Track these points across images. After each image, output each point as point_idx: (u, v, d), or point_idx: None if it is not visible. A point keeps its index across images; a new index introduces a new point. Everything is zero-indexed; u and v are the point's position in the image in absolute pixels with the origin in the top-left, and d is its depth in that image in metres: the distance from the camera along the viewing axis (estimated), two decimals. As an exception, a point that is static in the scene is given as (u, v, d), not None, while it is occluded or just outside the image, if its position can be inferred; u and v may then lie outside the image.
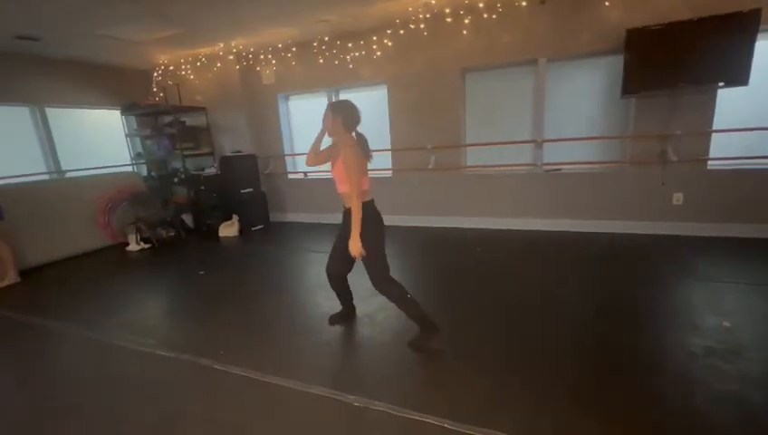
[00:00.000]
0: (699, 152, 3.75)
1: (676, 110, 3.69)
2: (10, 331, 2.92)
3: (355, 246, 2.10)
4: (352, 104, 2.20)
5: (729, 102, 3.60)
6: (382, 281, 2.22)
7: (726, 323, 2.28)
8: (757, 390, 1.74)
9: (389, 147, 5.03)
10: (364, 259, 2.18)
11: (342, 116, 2.15)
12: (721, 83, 3.40)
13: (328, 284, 2.56)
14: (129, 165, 5.85)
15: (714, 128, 3.66)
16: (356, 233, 2.10)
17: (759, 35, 3.22)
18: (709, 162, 3.77)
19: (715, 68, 3.36)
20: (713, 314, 2.41)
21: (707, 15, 3.30)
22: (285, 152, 5.82)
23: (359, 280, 3.13)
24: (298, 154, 5.88)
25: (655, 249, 3.66)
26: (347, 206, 2.22)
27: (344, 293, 2.60)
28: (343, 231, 2.27)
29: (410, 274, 3.52)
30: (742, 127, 3.59)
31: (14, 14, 3.48)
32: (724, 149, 3.71)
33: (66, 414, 1.93)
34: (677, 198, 3.93)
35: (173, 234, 5.44)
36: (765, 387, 1.76)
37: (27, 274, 4.12)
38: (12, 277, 3.87)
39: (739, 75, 3.30)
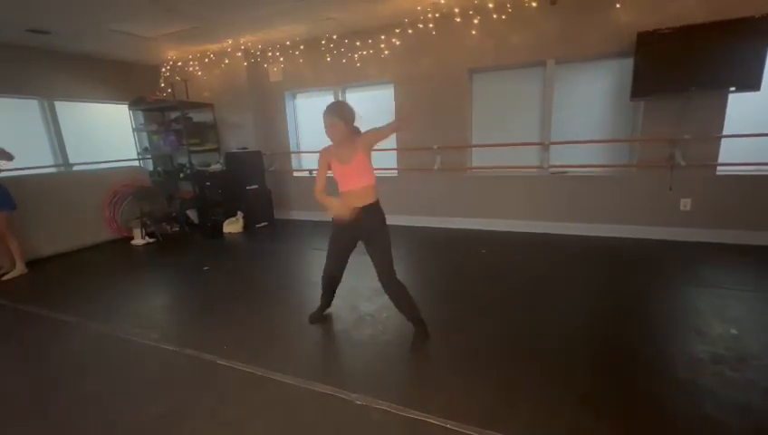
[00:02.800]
0: (708, 157, 3.71)
1: (685, 114, 3.65)
2: (16, 321, 2.94)
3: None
4: (345, 102, 2.26)
5: (739, 107, 3.56)
6: (392, 276, 2.24)
7: (734, 331, 2.26)
8: (765, 398, 1.72)
9: (395, 146, 5.02)
10: (377, 255, 2.21)
11: (344, 117, 2.14)
12: (732, 88, 3.37)
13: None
14: (135, 160, 5.88)
15: (723, 133, 3.62)
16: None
17: (772, 40, 3.19)
18: (718, 168, 3.73)
19: (726, 72, 3.33)
20: (720, 320, 2.38)
21: (719, 20, 3.27)
22: (291, 150, 5.83)
23: (362, 281, 3.14)
24: (304, 152, 5.89)
25: (661, 255, 3.62)
26: (361, 203, 2.20)
27: (333, 292, 2.64)
28: (356, 230, 2.25)
29: (414, 274, 3.51)
30: (752, 132, 3.55)
31: (26, 6, 3.51)
32: (733, 154, 3.67)
33: (70, 404, 1.94)
34: (685, 203, 3.89)
35: (177, 229, 5.46)
36: (773, 395, 1.74)
37: (34, 264, 4.15)
38: (20, 269, 3.91)
39: (751, 80, 3.27)
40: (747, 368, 1.92)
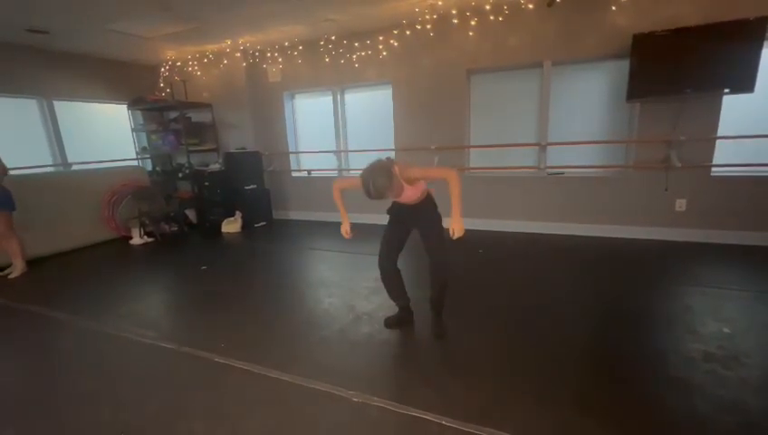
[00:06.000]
0: (703, 159, 3.75)
1: (680, 115, 3.69)
2: (14, 320, 2.95)
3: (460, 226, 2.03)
4: (377, 165, 2.00)
5: (734, 109, 3.59)
6: (446, 261, 2.36)
7: (727, 330, 2.28)
8: (757, 396, 1.74)
9: (393, 146, 5.04)
10: (439, 242, 2.32)
11: (390, 178, 1.94)
12: (726, 90, 3.40)
13: (328, 281, 2.58)
14: (134, 159, 5.89)
15: (718, 134, 3.66)
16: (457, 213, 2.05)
17: (765, 43, 3.23)
18: (713, 169, 3.77)
19: (720, 75, 3.36)
20: (713, 319, 2.41)
21: (714, 22, 3.30)
22: (290, 150, 5.84)
23: (359, 280, 3.15)
24: (302, 152, 5.91)
25: (656, 255, 3.65)
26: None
27: (401, 287, 2.52)
28: (408, 218, 2.39)
29: (412, 274, 3.52)
30: (746, 134, 3.58)
31: (25, 6, 3.52)
32: (728, 155, 3.70)
33: (68, 402, 1.95)
34: (680, 204, 3.92)
35: (176, 229, 5.47)
36: (765, 394, 1.76)
37: (33, 264, 4.15)
38: (21, 268, 3.91)
39: (744, 82, 3.29)
40: (739, 366, 1.95)
